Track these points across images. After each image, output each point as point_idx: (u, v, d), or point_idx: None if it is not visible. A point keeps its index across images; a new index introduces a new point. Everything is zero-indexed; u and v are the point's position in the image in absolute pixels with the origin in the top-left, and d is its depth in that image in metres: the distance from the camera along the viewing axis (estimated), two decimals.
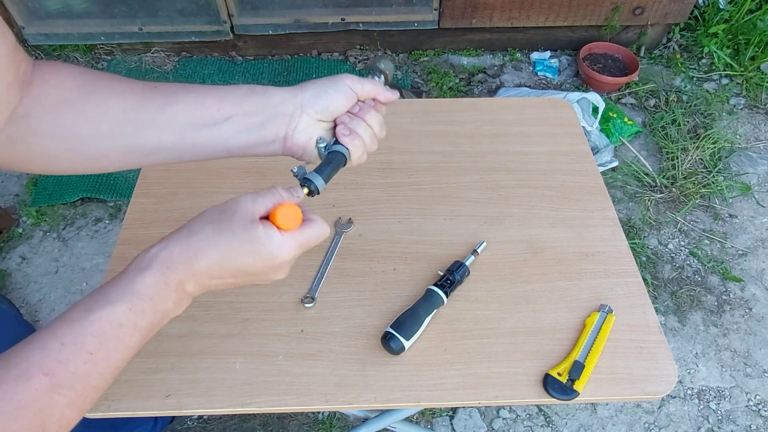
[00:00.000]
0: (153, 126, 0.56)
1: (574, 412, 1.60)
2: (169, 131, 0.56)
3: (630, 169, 2.17)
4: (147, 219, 0.92)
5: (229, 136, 0.57)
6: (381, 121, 0.64)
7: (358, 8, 2.38)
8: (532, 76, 2.54)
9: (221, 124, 0.57)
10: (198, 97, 0.57)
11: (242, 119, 0.57)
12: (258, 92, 0.58)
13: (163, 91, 0.57)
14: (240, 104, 0.57)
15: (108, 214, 2.01)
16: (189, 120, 0.56)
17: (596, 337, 0.76)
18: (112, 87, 0.56)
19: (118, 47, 2.51)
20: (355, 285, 0.84)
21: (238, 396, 0.72)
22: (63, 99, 0.54)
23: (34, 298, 1.80)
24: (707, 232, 2.01)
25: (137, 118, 0.55)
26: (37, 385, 0.42)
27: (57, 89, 0.54)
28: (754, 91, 2.47)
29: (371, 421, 1.18)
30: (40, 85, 0.53)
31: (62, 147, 0.55)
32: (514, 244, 0.89)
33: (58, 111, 0.53)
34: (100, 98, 0.55)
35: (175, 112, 0.56)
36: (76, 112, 0.54)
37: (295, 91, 0.59)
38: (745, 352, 1.72)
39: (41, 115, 0.53)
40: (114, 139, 0.56)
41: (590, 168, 1.01)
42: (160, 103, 0.56)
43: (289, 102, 0.59)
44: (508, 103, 1.16)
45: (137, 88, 0.56)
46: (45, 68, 0.54)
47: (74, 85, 0.54)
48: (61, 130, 0.54)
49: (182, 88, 0.57)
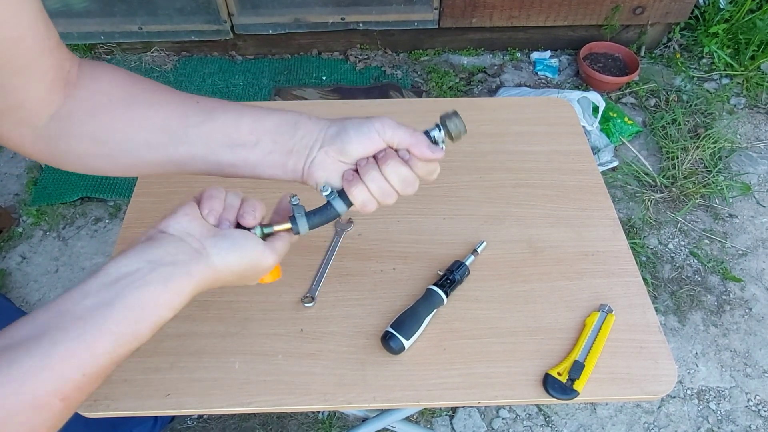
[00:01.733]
0: (188, 141, 0.57)
1: (573, 411, 1.60)
2: (203, 147, 0.57)
3: (630, 168, 2.17)
4: (147, 218, 0.92)
5: (258, 160, 0.58)
6: (406, 176, 0.56)
7: (358, 7, 2.38)
8: (532, 76, 2.54)
9: (252, 148, 0.57)
10: (235, 118, 0.57)
11: (271, 146, 0.57)
12: (289, 122, 0.58)
13: (203, 107, 0.57)
14: (271, 132, 0.57)
15: (108, 214, 2.01)
16: (223, 139, 0.57)
17: (596, 337, 0.76)
18: (155, 98, 0.56)
19: (118, 46, 2.51)
20: (354, 284, 0.84)
21: (238, 395, 0.72)
22: (105, 105, 0.55)
23: (33, 298, 1.80)
24: (707, 232, 2.01)
25: (174, 132, 0.56)
26: (53, 410, 0.42)
27: (100, 95, 0.55)
28: (754, 90, 2.47)
29: (371, 421, 1.18)
30: (84, 87, 0.54)
31: (100, 151, 0.56)
32: (513, 244, 0.89)
33: (99, 116, 0.55)
34: (142, 108, 0.56)
35: (210, 130, 0.57)
36: (116, 119, 0.55)
37: (322, 125, 0.58)
38: (745, 352, 1.72)
39: (83, 118, 0.54)
40: (149, 149, 0.56)
41: (590, 167, 1.01)
42: (198, 120, 0.57)
43: (312, 136, 0.57)
44: (508, 102, 1.16)
45: (178, 102, 0.57)
46: (90, 71, 0.55)
47: (117, 93, 0.55)
48: (100, 134, 0.55)
49: (221, 107, 0.58)
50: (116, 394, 0.72)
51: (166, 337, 0.77)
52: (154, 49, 2.53)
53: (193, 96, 0.58)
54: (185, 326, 0.78)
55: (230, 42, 2.51)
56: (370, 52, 2.58)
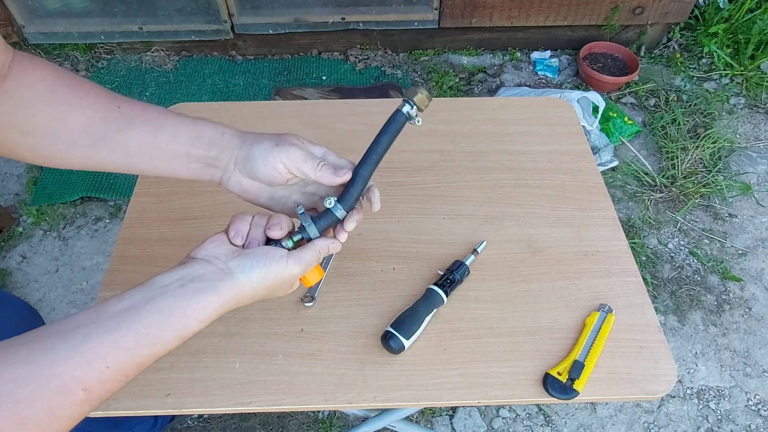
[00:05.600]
0: (108, 145, 0.59)
1: (573, 411, 1.60)
2: (122, 153, 0.60)
3: (630, 168, 2.17)
4: (147, 218, 0.92)
5: (176, 169, 0.61)
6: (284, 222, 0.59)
7: (358, 7, 2.38)
8: (532, 76, 2.54)
9: (170, 160, 0.60)
10: (153, 129, 0.59)
11: (186, 160, 0.60)
12: (204, 138, 0.60)
13: (124, 113, 0.59)
14: (187, 145, 0.60)
15: (108, 214, 2.01)
16: (140, 149, 0.60)
17: (596, 337, 0.76)
18: (78, 99, 0.58)
19: (118, 46, 2.51)
20: (354, 284, 0.84)
21: (238, 395, 0.72)
22: (32, 100, 0.57)
23: (34, 297, 1.80)
24: (707, 232, 2.01)
25: (95, 135, 0.58)
26: (75, 399, 0.45)
27: (28, 90, 0.57)
28: (754, 90, 2.47)
29: (371, 421, 1.18)
30: (13, 80, 0.56)
31: (24, 142, 0.58)
32: (513, 244, 0.89)
33: (26, 110, 0.57)
34: (63, 106, 0.58)
35: (128, 139, 0.59)
36: (41, 114, 0.57)
37: (234, 144, 0.60)
38: (745, 352, 1.72)
39: (9, 109, 0.56)
40: (72, 147, 0.59)
41: (590, 167, 1.01)
42: (117, 126, 0.59)
43: (225, 155, 0.60)
44: (508, 102, 1.16)
45: (102, 105, 0.59)
46: (20, 64, 0.57)
47: (41, 88, 0.57)
48: (27, 127, 0.57)
49: (140, 116, 0.60)
50: (117, 393, 0.71)
51: None
52: (154, 49, 2.53)
53: (118, 99, 0.60)
54: None
55: (230, 42, 2.51)
56: (370, 52, 2.58)
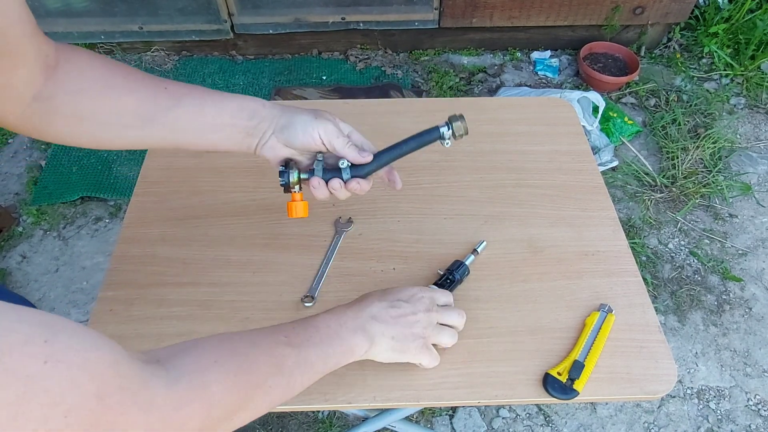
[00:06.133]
0: (157, 124, 0.64)
1: (573, 411, 1.60)
2: (170, 130, 0.65)
3: (630, 168, 2.17)
4: (147, 218, 0.92)
5: (218, 140, 0.68)
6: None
7: (359, 7, 2.38)
8: (532, 76, 2.54)
9: (214, 132, 0.67)
10: (199, 105, 0.65)
11: (230, 130, 0.67)
12: (247, 108, 0.67)
13: (171, 93, 0.65)
14: (231, 117, 0.67)
15: (108, 213, 2.01)
16: (187, 125, 0.66)
17: (596, 337, 0.76)
18: (128, 83, 0.63)
19: (118, 46, 2.51)
20: (355, 284, 0.84)
21: None
22: (83, 88, 0.61)
23: (34, 297, 1.80)
24: (707, 232, 2.01)
25: (145, 116, 0.64)
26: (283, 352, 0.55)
27: (78, 79, 0.61)
28: (754, 90, 2.47)
29: (371, 420, 1.18)
30: (64, 71, 0.60)
31: (80, 128, 0.63)
32: (514, 244, 0.89)
33: (78, 98, 0.61)
34: (116, 93, 0.62)
35: (177, 116, 0.65)
36: (93, 101, 0.62)
37: (275, 114, 0.67)
38: (745, 352, 1.72)
39: (64, 99, 0.60)
40: (125, 129, 0.64)
41: (590, 167, 1.01)
42: (166, 105, 0.64)
43: (265, 123, 0.67)
44: (508, 102, 1.16)
45: (150, 88, 0.64)
46: (68, 55, 0.60)
47: (94, 77, 0.61)
48: (80, 114, 0.62)
49: (188, 94, 0.65)
50: None
51: (166, 337, 0.77)
52: (154, 49, 2.53)
53: (163, 81, 0.65)
54: (186, 326, 0.78)
55: (230, 42, 2.51)
56: (371, 52, 2.58)
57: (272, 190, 0.96)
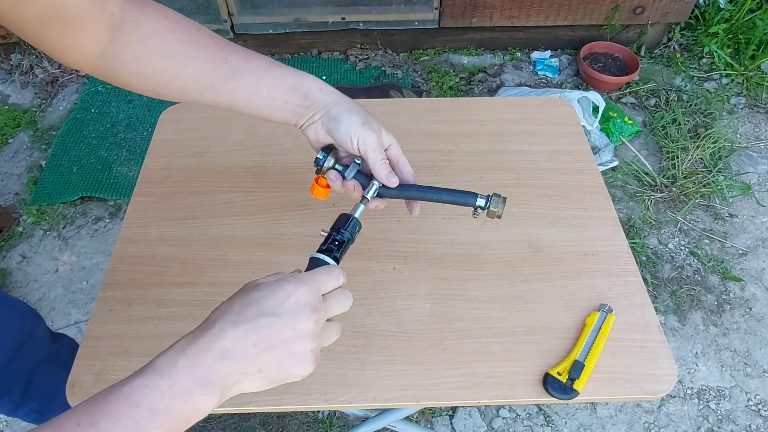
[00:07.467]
0: (214, 91, 0.67)
1: (573, 411, 1.60)
2: (225, 98, 0.68)
3: (630, 168, 2.17)
4: (147, 218, 0.92)
5: (269, 114, 0.70)
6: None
7: (359, 7, 2.38)
8: (532, 76, 2.54)
9: (266, 105, 0.69)
10: (256, 79, 0.67)
11: (281, 106, 0.69)
12: (302, 90, 0.68)
13: (231, 64, 0.66)
14: (285, 94, 0.68)
15: (108, 213, 2.01)
16: (242, 95, 0.68)
17: (596, 337, 0.76)
18: (190, 51, 0.65)
19: None
20: (354, 284, 0.84)
21: (238, 395, 0.72)
22: (148, 53, 0.63)
23: (34, 297, 1.80)
24: (707, 232, 2.01)
25: (203, 84, 0.66)
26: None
27: (144, 44, 0.63)
28: (754, 90, 2.47)
29: (371, 421, 1.18)
30: (128, 33, 0.62)
31: (144, 85, 0.66)
32: (513, 243, 0.89)
33: (144, 61, 0.64)
34: (179, 59, 0.65)
35: (233, 87, 0.67)
36: (158, 66, 0.64)
37: (329, 102, 0.68)
38: (745, 352, 1.72)
39: (128, 58, 0.63)
40: (183, 92, 0.67)
41: (590, 167, 1.01)
42: (224, 77, 0.66)
43: (316, 108, 0.69)
44: (508, 102, 1.16)
45: (211, 57, 0.66)
46: (135, 15, 0.62)
47: (159, 43, 0.63)
48: (142, 74, 0.65)
49: (245, 66, 0.67)
50: None
51: (166, 337, 0.77)
52: None
53: (225, 49, 0.67)
54: (185, 326, 0.78)
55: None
56: (370, 52, 2.58)
57: (272, 190, 0.96)
